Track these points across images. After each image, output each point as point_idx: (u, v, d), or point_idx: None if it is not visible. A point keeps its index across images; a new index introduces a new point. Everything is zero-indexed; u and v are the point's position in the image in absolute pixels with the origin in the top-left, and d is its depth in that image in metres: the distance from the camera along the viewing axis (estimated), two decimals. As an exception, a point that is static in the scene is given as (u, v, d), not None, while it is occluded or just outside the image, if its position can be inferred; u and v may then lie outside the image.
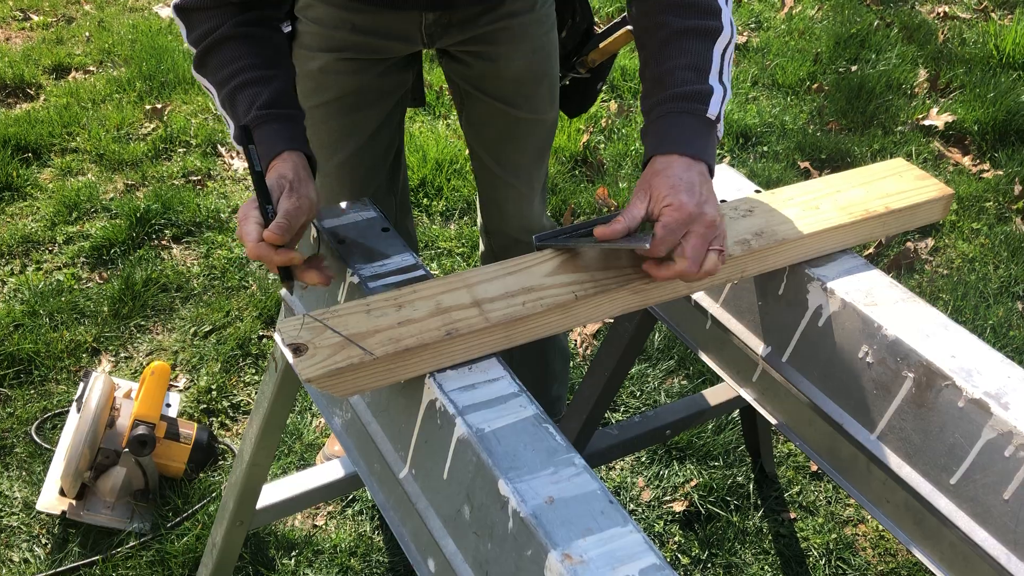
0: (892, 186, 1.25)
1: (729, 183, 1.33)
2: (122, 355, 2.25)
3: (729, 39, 1.09)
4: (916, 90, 3.42)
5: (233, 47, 1.14)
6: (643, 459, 2.01)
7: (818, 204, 1.20)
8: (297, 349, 0.93)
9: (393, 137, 1.57)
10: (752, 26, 3.91)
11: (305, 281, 1.05)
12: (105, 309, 2.35)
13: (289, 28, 1.41)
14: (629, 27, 1.48)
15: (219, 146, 3.06)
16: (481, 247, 1.86)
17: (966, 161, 3.04)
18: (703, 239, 0.98)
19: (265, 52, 1.16)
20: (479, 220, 1.80)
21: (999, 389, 0.97)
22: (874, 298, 1.10)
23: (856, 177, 1.27)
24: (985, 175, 2.95)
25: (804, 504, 1.93)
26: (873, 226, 1.20)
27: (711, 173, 1.03)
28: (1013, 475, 0.93)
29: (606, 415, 2.12)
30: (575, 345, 2.31)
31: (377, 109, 1.50)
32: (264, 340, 2.29)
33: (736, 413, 2.04)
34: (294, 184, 1.05)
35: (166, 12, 3.97)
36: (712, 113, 1.04)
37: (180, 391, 2.15)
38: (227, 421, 2.10)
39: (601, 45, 1.57)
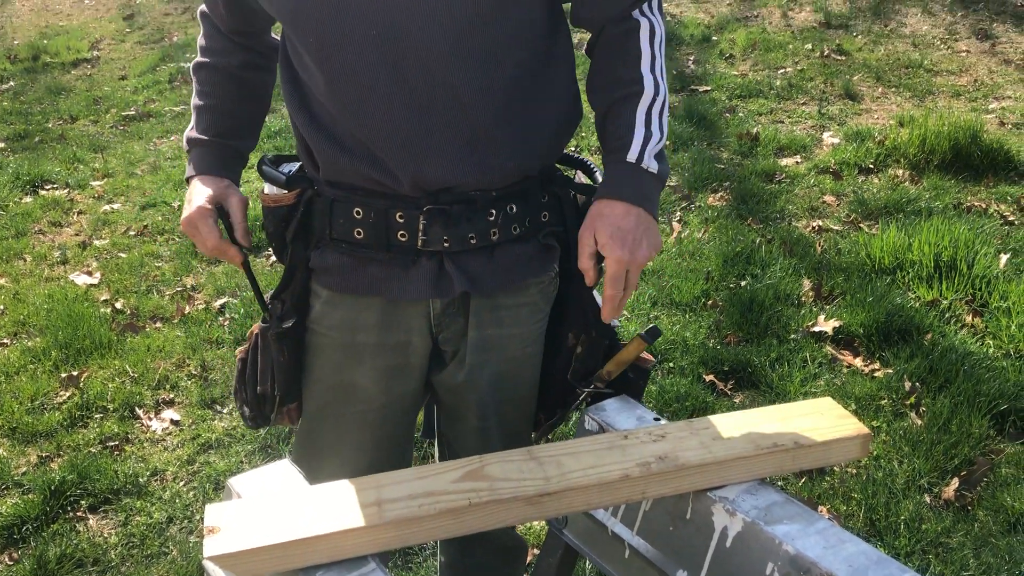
0: (809, 423, 1.32)
1: (631, 413, 1.42)
2: (34, 641, 2.14)
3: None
4: (803, 299, 3.67)
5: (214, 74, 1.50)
6: None
7: (730, 435, 1.28)
8: (211, 530, 1.04)
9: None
10: (646, 251, 4.18)
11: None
12: (16, 592, 2.25)
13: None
14: (640, 334, 1.49)
15: (137, 408, 3.05)
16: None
17: (858, 362, 3.24)
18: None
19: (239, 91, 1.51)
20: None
21: (896, 594, 1.03)
22: (773, 515, 1.17)
23: (777, 412, 1.34)
24: (877, 374, 3.14)
25: None
26: (781, 459, 1.26)
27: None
28: None
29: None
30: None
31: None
32: (186, 608, 2.21)
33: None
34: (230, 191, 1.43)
35: (82, 280, 4.06)
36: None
37: (97, 674, 2.04)
38: None
39: (615, 357, 1.53)
